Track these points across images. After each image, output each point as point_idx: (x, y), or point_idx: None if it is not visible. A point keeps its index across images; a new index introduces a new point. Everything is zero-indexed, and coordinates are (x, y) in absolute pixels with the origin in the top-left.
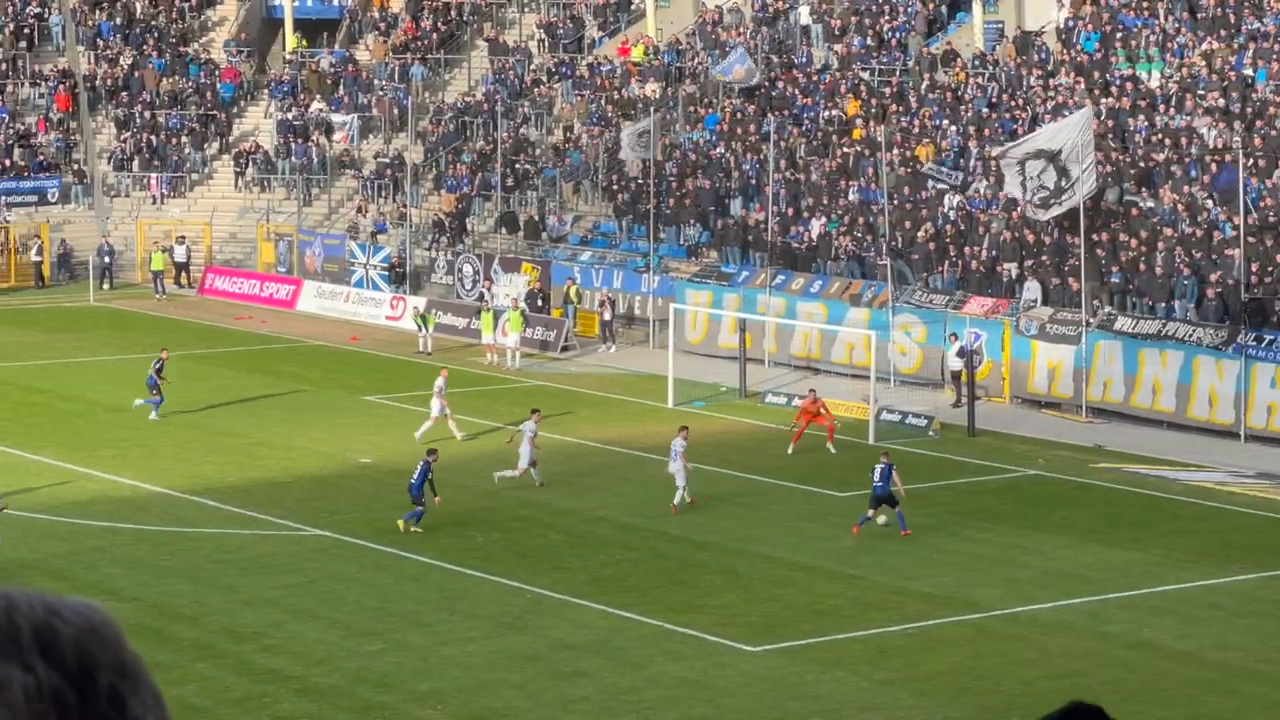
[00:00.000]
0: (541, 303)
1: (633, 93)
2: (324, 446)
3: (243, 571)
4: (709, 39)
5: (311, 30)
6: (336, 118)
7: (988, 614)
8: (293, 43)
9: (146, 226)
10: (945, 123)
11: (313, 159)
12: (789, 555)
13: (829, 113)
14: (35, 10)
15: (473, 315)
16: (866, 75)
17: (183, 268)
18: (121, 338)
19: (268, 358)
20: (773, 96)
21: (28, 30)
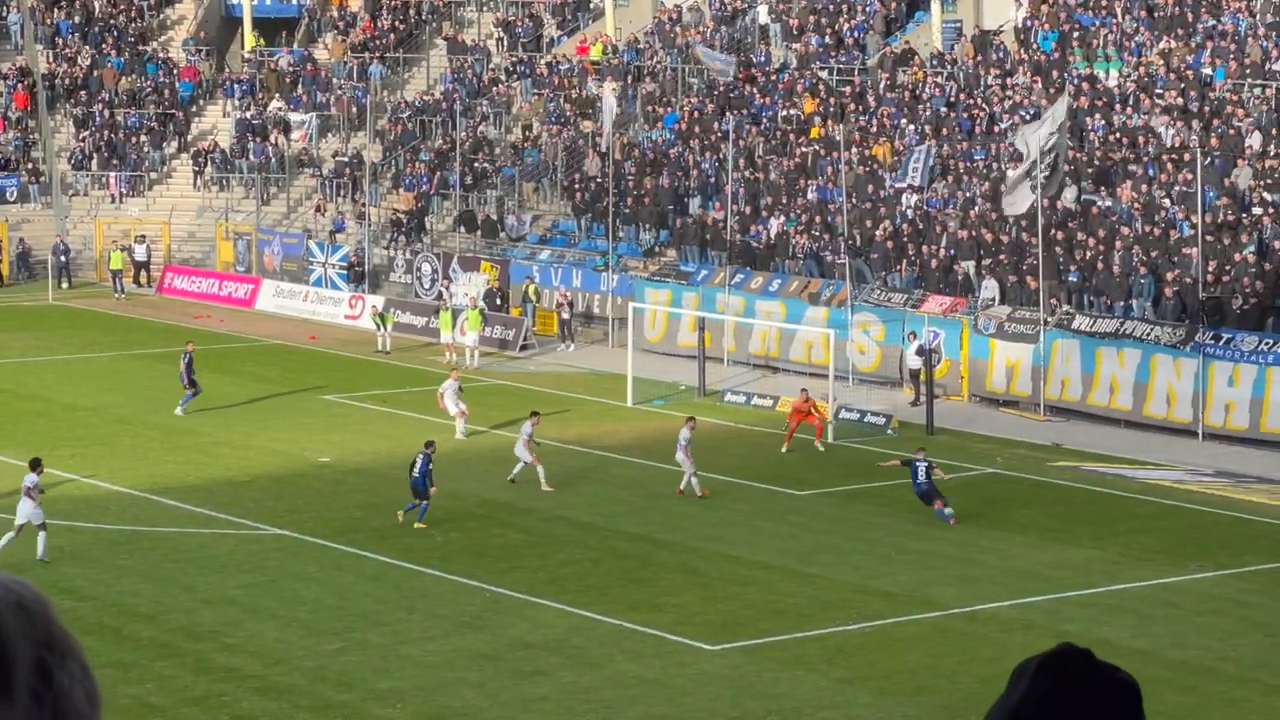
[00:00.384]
0: (500, 301)
1: (591, 91)
2: (282, 445)
3: (201, 570)
4: (668, 38)
5: (270, 29)
6: (295, 117)
7: (946, 612)
8: (251, 42)
9: (105, 225)
10: (903, 122)
11: (271, 158)
12: (748, 554)
13: (787, 112)
14: None
15: (431, 314)
16: (825, 74)
17: (143, 266)
18: (81, 337)
19: (226, 357)
20: (731, 96)
21: None
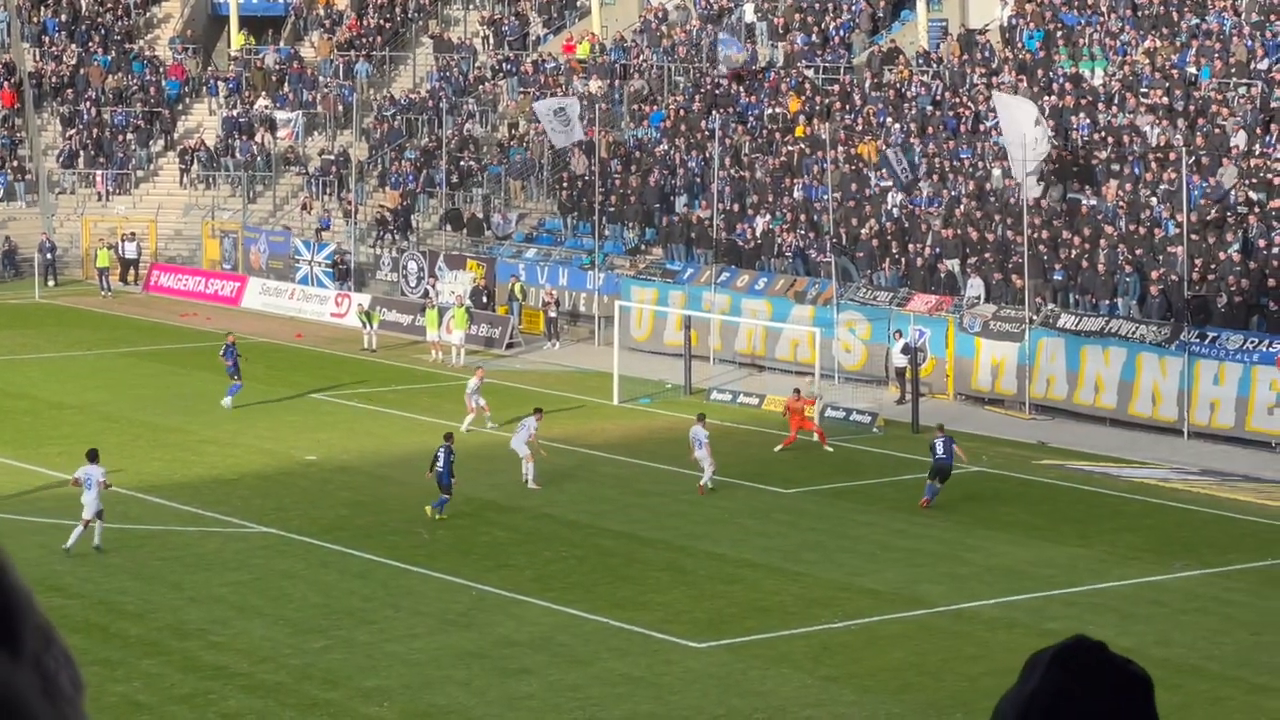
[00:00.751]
0: (487, 300)
1: (577, 89)
2: (269, 444)
3: (188, 568)
4: (654, 36)
5: (256, 27)
6: (281, 115)
7: (931, 610)
8: (240, 40)
9: (91, 224)
10: (889, 120)
11: (257, 156)
12: (734, 552)
13: (773, 110)
14: None
15: (417, 312)
16: (810, 73)
17: (131, 264)
18: (67, 335)
19: (213, 355)
20: (717, 94)
21: None
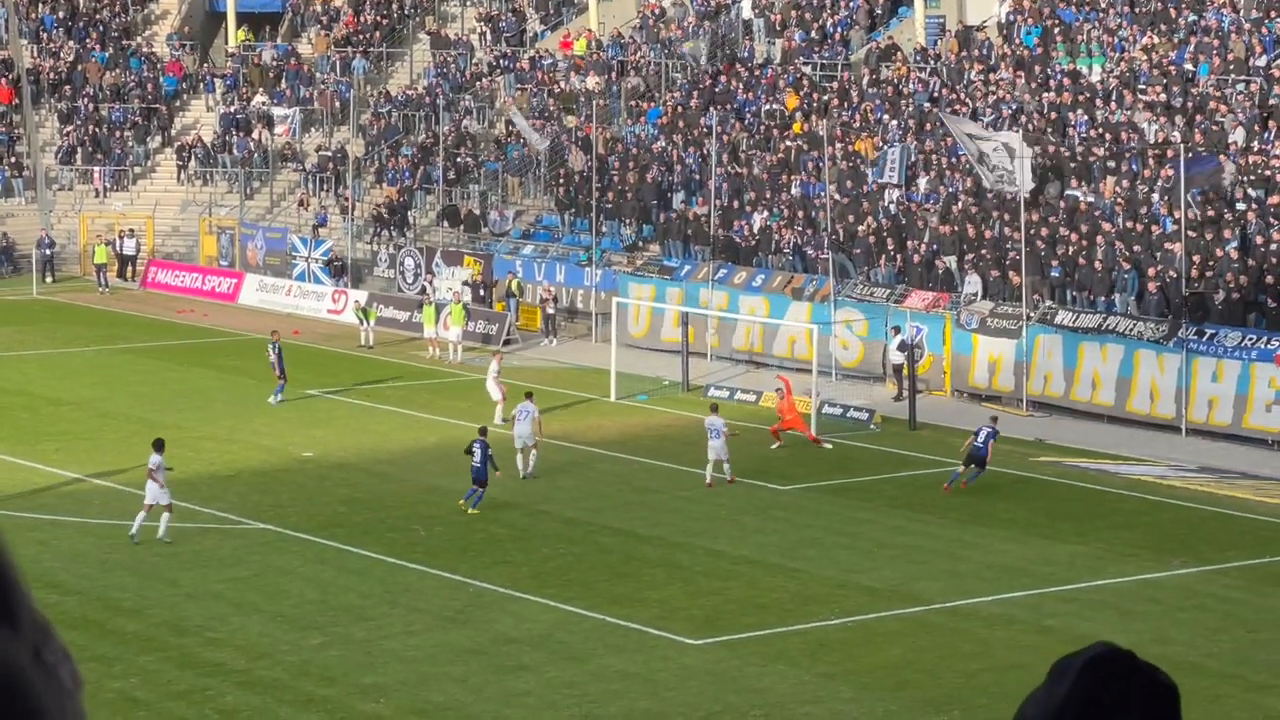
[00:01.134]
0: (483, 293)
1: (574, 86)
2: (266, 440)
3: (186, 565)
4: (652, 33)
5: (254, 23)
6: (278, 111)
7: (929, 607)
8: (241, 36)
9: (89, 220)
10: (886, 117)
11: (254, 152)
12: (731, 549)
13: (770, 107)
14: None
15: (414, 309)
16: (808, 70)
17: (129, 261)
18: (65, 331)
19: (210, 351)
20: (715, 90)
21: None
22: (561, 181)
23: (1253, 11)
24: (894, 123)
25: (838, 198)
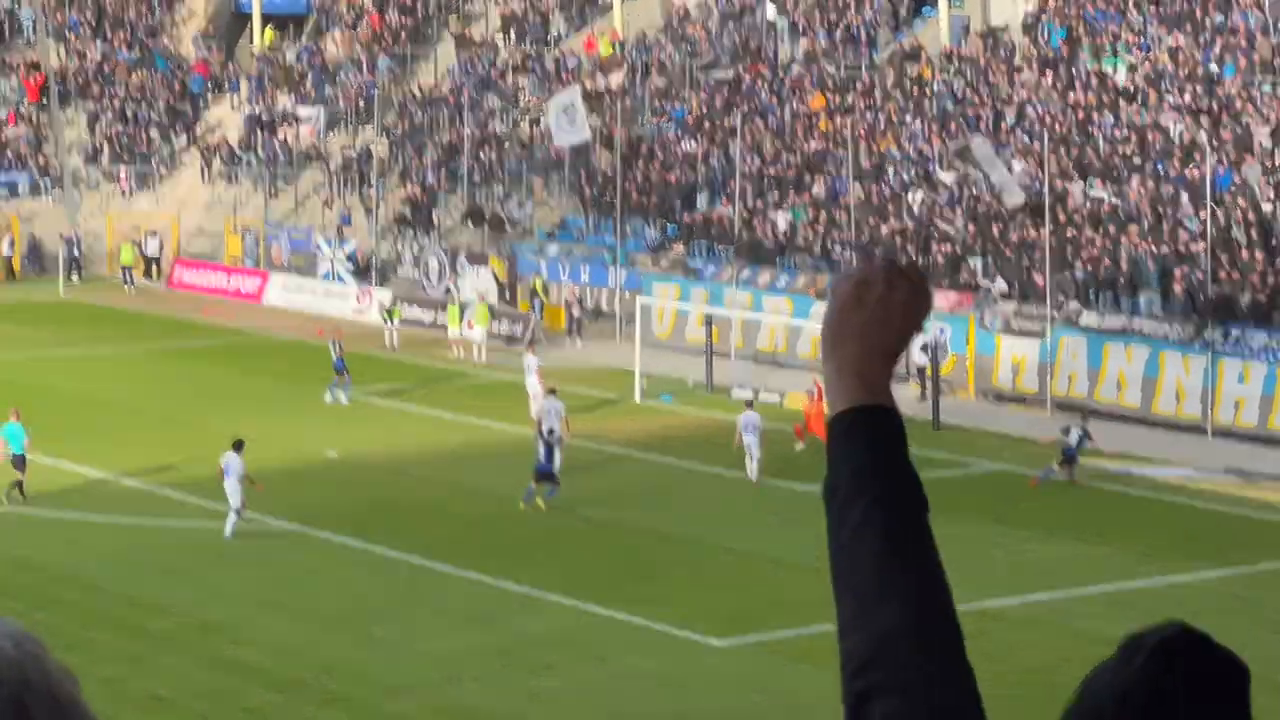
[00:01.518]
0: (509, 296)
1: (599, 86)
2: (291, 440)
3: (212, 564)
4: (676, 34)
5: (279, 24)
6: (303, 111)
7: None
8: (270, 37)
9: (115, 220)
10: (910, 118)
11: (279, 152)
12: (757, 549)
13: (795, 107)
14: (5, 4)
15: (439, 309)
16: (832, 70)
17: (154, 261)
18: (92, 332)
19: (235, 351)
20: (739, 91)
21: None
22: (586, 182)
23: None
24: (918, 123)
25: (861, 198)
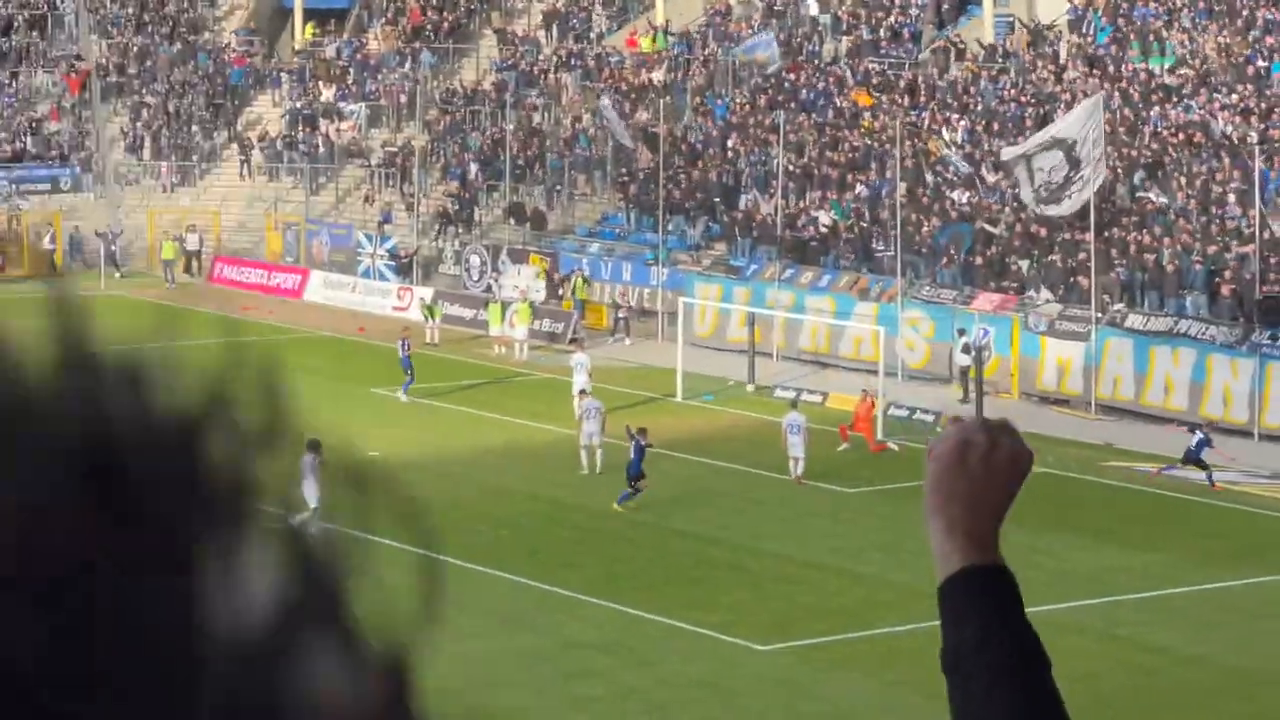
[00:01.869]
0: (560, 292)
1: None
2: (331, 439)
3: None
4: (719, 31)
5: (321, 18)
6: (345, 106)
7: None
8: (310, 31)
9: (156, 215)
10: (955, 116)
11: (320, 147)
12: (800, 553)
13: (839, 104)
14: None
15: (480, 306)
16: (876, 67)
17: (194, 256)
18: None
19: (276, 348)
20: (783, 87)
21: (41, 18)
22: (627, 178)
23: None
24: (963, 122)
25: (906, 198)
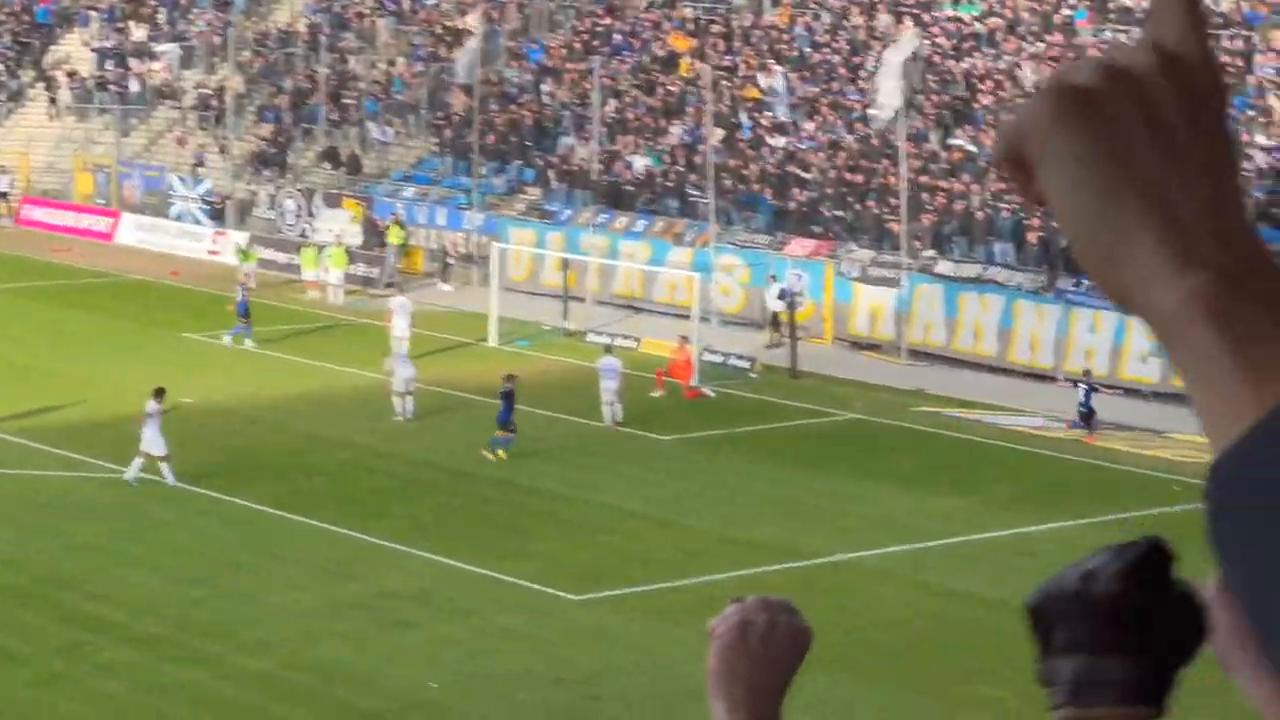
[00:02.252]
0: (379, 241)
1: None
2: (144, 385)
3: (65, 515)
4: None
5: None
6: (157, 46)
7: (812, 562)
8: None
9: None
10: (770, 61)
11: (131, 88)
12: (615, 501)
13: (654, 50)
14: None
15: (294, 251)
16: (690, 12)
17: (2, 197)
18: None
19: (86, 292)
20: (597, 31)
21: None
22: (443, 123)
23: None
24: (778, 68)
25: (720, 143)
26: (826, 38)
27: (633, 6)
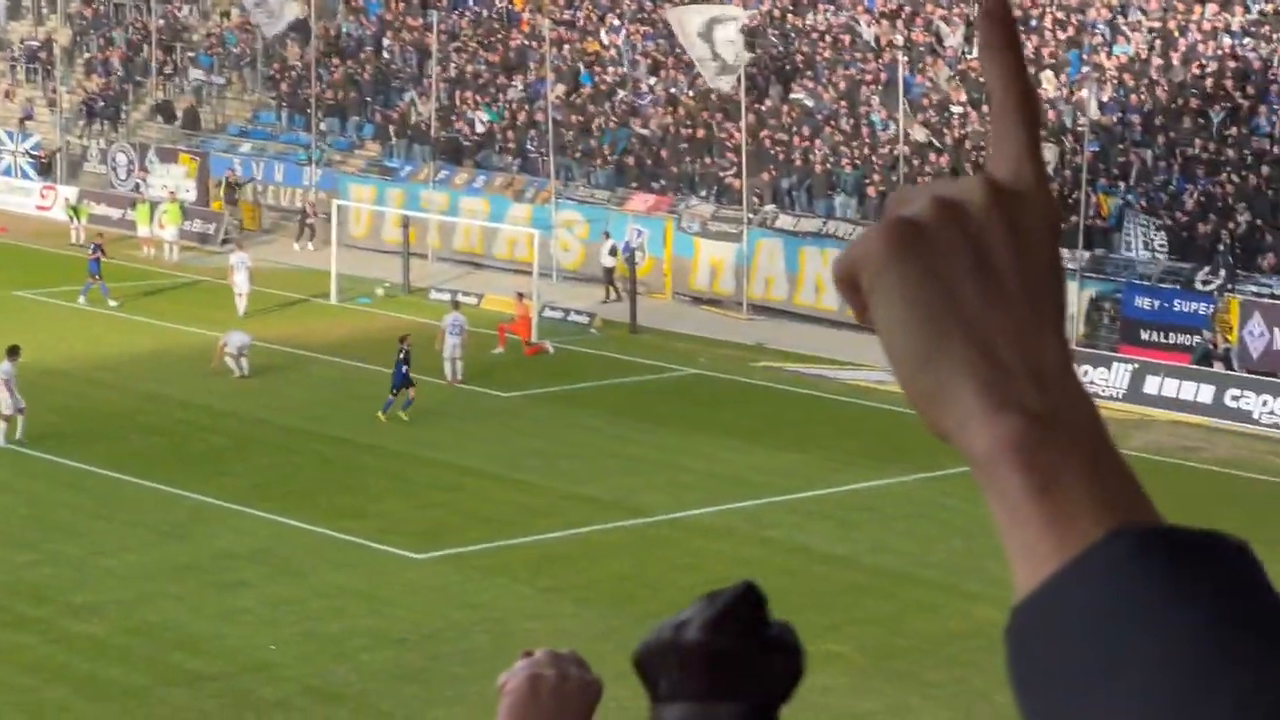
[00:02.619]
0: (228, 192)
1: None
2: None
3: None
4: None
5: None
6: None
7: (651, 519)
8: None
9: None
10: (610, 16)
11: None
12: (455, 459)
13: (496, 5)
14: None
15: (128, 206)
16: None
17: None
18: None
19: None
20: None
21: None
22: (279, 77)
23: None
24: (616, 21)
25: (561, 98)
26: None
27: None
